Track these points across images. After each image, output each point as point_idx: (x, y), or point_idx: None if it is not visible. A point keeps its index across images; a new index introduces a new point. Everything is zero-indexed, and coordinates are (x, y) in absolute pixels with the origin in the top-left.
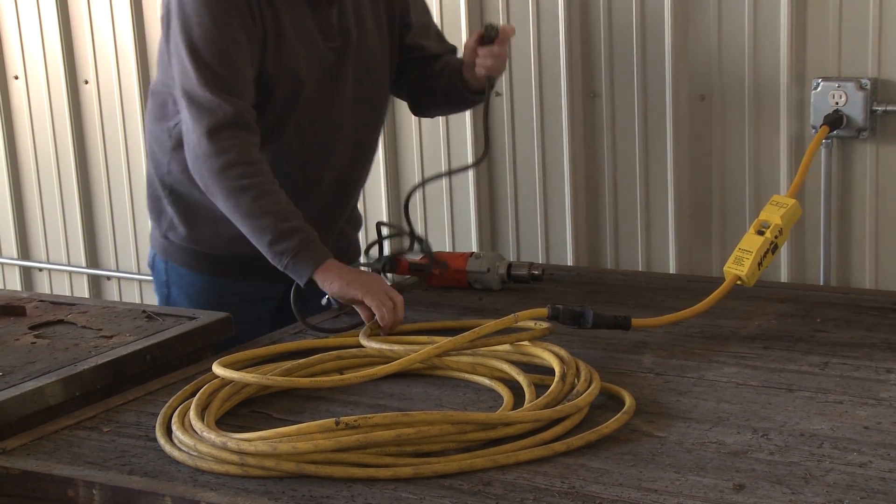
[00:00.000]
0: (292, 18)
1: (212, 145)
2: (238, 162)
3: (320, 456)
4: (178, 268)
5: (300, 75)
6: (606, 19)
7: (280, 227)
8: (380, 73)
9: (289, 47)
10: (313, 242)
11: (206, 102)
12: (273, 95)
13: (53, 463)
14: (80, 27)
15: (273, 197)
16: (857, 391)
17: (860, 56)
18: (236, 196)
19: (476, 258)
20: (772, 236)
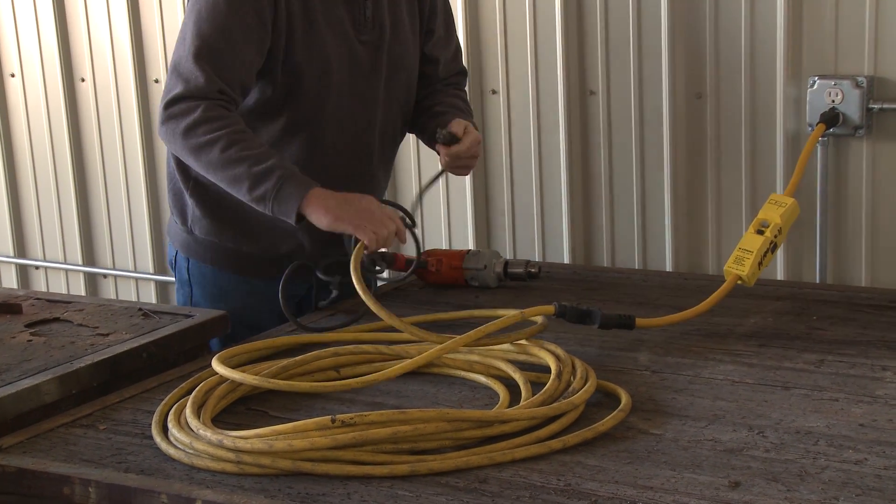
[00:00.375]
0: (324, 7)
1: (177, 109)
2: (202, 120)
3: (316, 454)
4: (202, 265)
5: (329, 65)
6: (603, 17)
7: (255, 170)
8: (410, 70)
9: (318, 36)
10: (292, 177)
11: (186, 72)
12: (302, 84)
13: (49, 461)
14: (77, 25)
15: (243, 144)
16: (852, 389)
17: (856, 54)
18: (206, 152)
19: (473, 255)
20: (771, 235)
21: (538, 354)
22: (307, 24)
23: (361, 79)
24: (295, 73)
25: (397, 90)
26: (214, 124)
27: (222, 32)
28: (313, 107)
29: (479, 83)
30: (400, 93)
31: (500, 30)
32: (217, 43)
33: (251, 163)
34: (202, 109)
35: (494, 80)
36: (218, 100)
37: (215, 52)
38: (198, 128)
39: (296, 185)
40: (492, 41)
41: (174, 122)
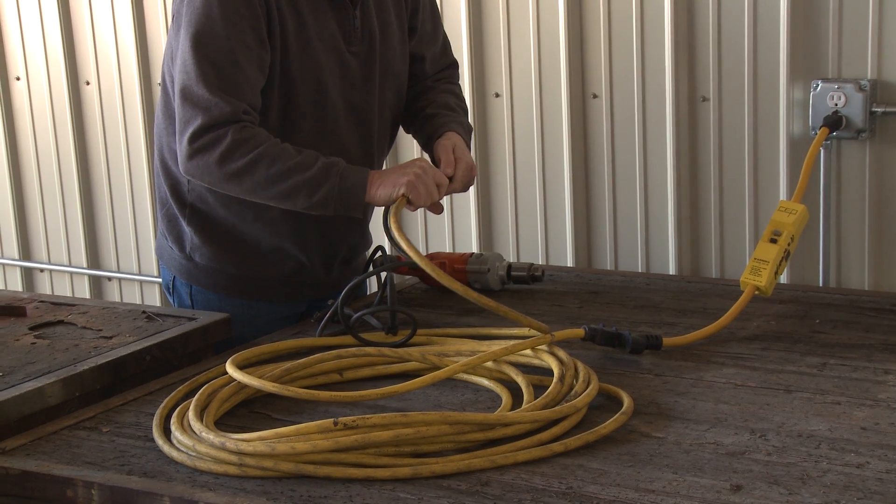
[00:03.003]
0: (315, 20)
1: (204, 140)
2: (235, 145)
3: (318, 456)
4: (206, 292)
5: (324, 80)
6: (606, 20)
7: (307, 177)
8: (400, 75)
9: (312, 51)
10: (347, 172)
11: (202, 101)
12: (298, 101)
13: (53, 463)
14: (82, 28)
15: (284, 155)
16: (854, 392)
17: (859, 57)
18: (249, 175)
19: (476, 258)
20: (785, 244)
21: (541, 357)
22: (300, 40)
23: (355, 90)
24: (291, 90)
25: (389, 96)
26: (249, 145)
27: (226, 55)
28: (310, 123)
29: (482, 86)
30: (391, 98)
31: (504, 33)
32: (223, 66)
33: (302, 171)
34: (231, 133)
35: (497, 84)
36: (242, 121)
37: (224, 76)
38: (234, 153)
39: (353, 181)
40: (495, 44)
41: (205, 155)
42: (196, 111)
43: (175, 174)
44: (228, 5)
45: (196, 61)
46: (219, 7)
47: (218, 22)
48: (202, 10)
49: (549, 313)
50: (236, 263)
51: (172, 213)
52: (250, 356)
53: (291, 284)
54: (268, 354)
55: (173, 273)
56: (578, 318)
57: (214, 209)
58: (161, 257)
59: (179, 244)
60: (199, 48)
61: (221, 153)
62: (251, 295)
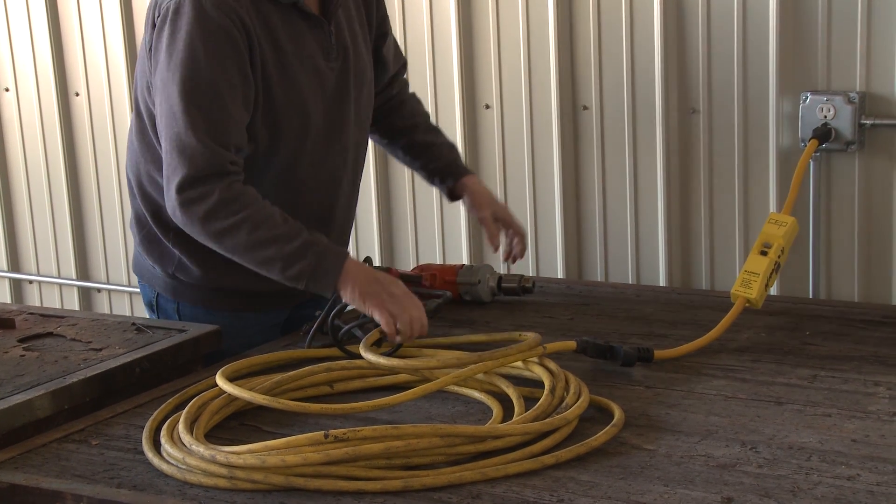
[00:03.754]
0: (294, 44)
1: (192, 193)
2: (221, 203)
3: (309, 469)
4: (194, 308)
5: (306, 106)
6: (596, 32)
7: (286, 250)
8: (370, 85)
9: (293, 75)
10: (325, 254)
11: (188, 149)
12: (282, 126)
13: (41, 476)
14: (71, 39)
15: (268, 223)
16: (845, 404)
17: (848, 70)
18: (230, 237)
19: (466, 270)
20: (775, 256)
21: (532, 369)
22: (280, 67)
23: (333, 105)
24: (275, 117)
25: (363, 108)
26: (234, 206)
27: (213, 100)
28: (293, 151)
29: (472, 97)
30: (364, 109)
31: (494, 45)
32: (210, 111)
33: (281, 243)
34: (219, 192)
35: (488, 95)
36: (229, 174)
37: (211, 121)
38: (218, 212)
39: (331, 262)
40: (485, 56)
41: (192, 208)
42: (183, 160)
43: (155, 200)
44: (212, 46)
45: (183, 107)
46: (203, 49)
47: (202, 64)
48: (186, 52)
49: (539, 325)
50: (223, 279)
51: (153, 234)
52: (240, 368)
53: (277, 293)
54: (258, 366)
55: (156, 290)
56: (569, 329)
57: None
58: (141, 275)
59: (162, 264)
60: (186, 94)
61: (206, 211)
62: (238, 307)
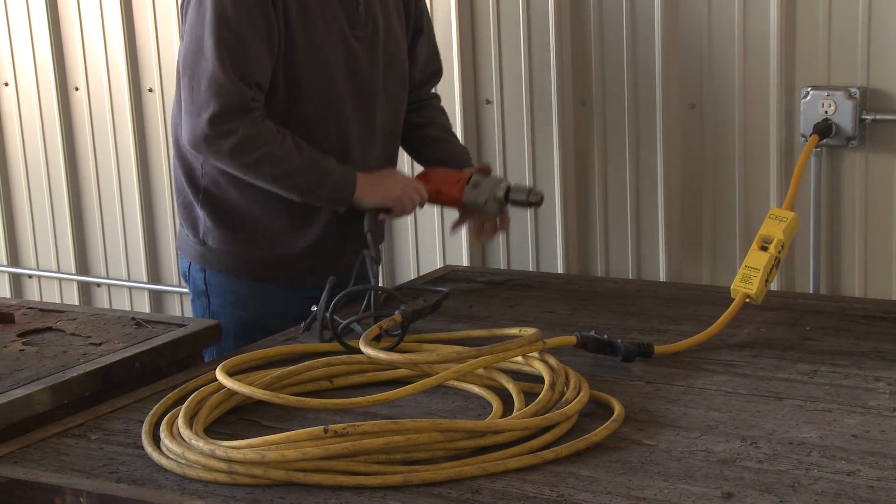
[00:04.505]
0: (319, 6)
1: (220, 129)
2: (245, 139)
3: (309, 464)
4: (219, 275)
5: (329, 64)
6: (597, 27)
7: (305, 182)
8: (403, 65)
9: (316, 35)
10: (338, 182)
11: (217, 84)
12: (303, 85)
13: (41, 471)
14: (71, 34)
15: (287, 157)
16: (845, 399)
17: (849, 65)
18: (256, 170)
19: (473, 187)
20: (775, 252)
21: (532, 364)
22: (304, 23)
23: (360, 75)
24: (295, 74)
25: (393, 85)
26: (257, 142)
27: (239, 39)
28: (315, 107)
29: (473, 93)
30: (397, 88)
31: (495, 39)
32: (237, 50)
33: (300, 176)
34: (243, 129)
35: (488, 90)
36: (251, 110)
37: (238, 60)
38: (244, 149)
39: (344, 188)
40: (486, 51)
41: (218, 141)
42: (211, 95)
43: (189, 160)
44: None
45: (213, 44)
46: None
47: (230, 10)
48: (215, 2)
49: (539, 320)
50: (247, 245)
51: (188, 199)
52: (240, 363)
53: (302, 266)
54: (258, 361)
55: (189, 260)
56: (569, 324)
57: (226, 191)
58: (180, 248)
59: (194, 230)
60: (214, 31)
61: (232, 147)
62: (262, 277)
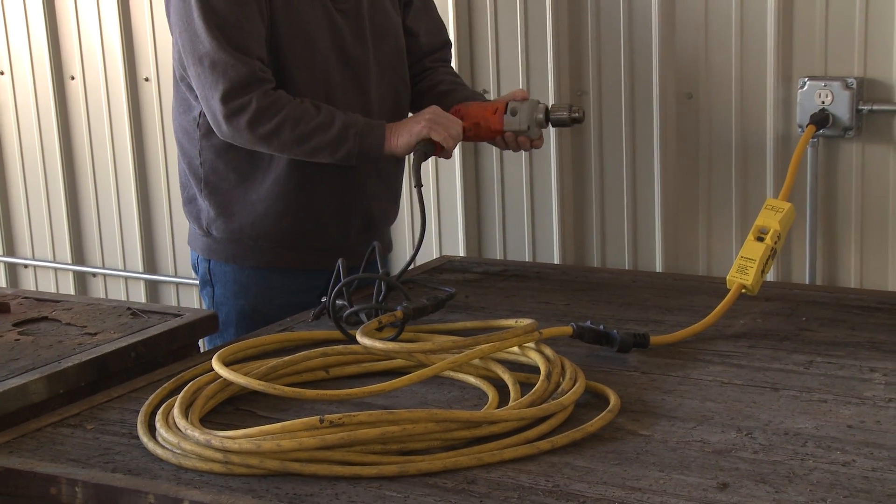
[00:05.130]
0: None
1: (234, 105)
2: (260, 110)
3: (304, 454)
4: (222, 264)
5: (312, 34)
6: (594, 17)
7: (328, 137)
8: (396, 38)
9: (297, 10)
10: (365, 133)
11: (220, 63)
12: (288, 56)
13: (36, 461)
14: (67, 23)
15: (306, 117)
16: (841, 390)
17: (846, 55)
18: (276, 137)
19: (512, 114)
20: (772, 242)
21: (528, 355)
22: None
23: (347, 48)
24: (280, 48)
25: (387, 58)
26: (273, 109)
27: (228, 15)
28: (304, 81)
29: (469, 83)
30: (391, 60)
31: (492, 30)
32: (229, 27)
33: (323, 132)
34: (256, 100)
35: (485, 80)
36: (261, 80)
37: (232, 36)
38: (261, 119)
39: (374, 138)
40: (483, 41)
41: (236, 118)
42: (216, 75)
43: (188, 151)
44: None
45: (206, 27)
46: None
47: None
48: None
49: (536, 310)
50: (249, 231)
51: (192, 192)
52: (236, 351)
53: (305, 250)
54: (254, 350)
55: (197, 253)
56: (565, 315)
57: (226, 177)
58: (189, 243)
59: (198, 222)
60: (204, 15)
61: (249, 120)
62: (264, 263)
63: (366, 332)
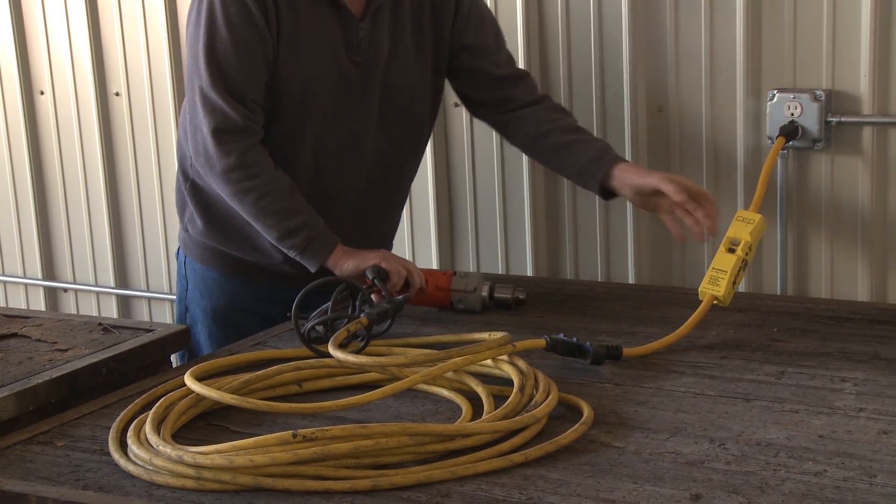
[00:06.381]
0: (314, 26)
1: (216, 147)
2: (239, 165)
3: (277, 469)
4: (194, 263)
5: (312, 83)
6: (564, 30)
7: (284, 225)
8: (414, 94)
9: (304, 54)
10: (318, 236)
11: (210, 102)
12: (283, 101)
13: (6, 478)
14: (36, 37)
15: (276, 195)
16: (812, 400)
17: (815, 67)
18: (241, 197)
19: (461, 277)
20: (743, 254)
21: (501, 367)
22: (292, 42)
23: (349, 99)
24: (278, 88)
25: (394, 114)
26: (249, 171)
27: (231, 58)
28: (297, 124)
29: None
30: (400, 117)
31: None
32: (229, 70)
33: (281, 217)
34: (237, 154)
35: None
36: (247, 131)
37: (229, 78)
38: (233, 173)
39: (320, 245)
40: None
41: (211, 162)
42: (207, 114)
43: (184, 149)
44: (232, 10)
45: (206, 65)
46: (222, 10)
47: (222, 27)
48: (208, 15)
49: (509, 323)
50: (220, 240)
51: (180, 186)
52: (209, 368)
53: (263, 272)
54: (226, 366)
55: (179, 243)
56: (539, 327)
57: (209, 187)
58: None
59: (182, 215)
60: (209, 51)
61: (224, 168)
62: (228, 270)
63: (336, 345)
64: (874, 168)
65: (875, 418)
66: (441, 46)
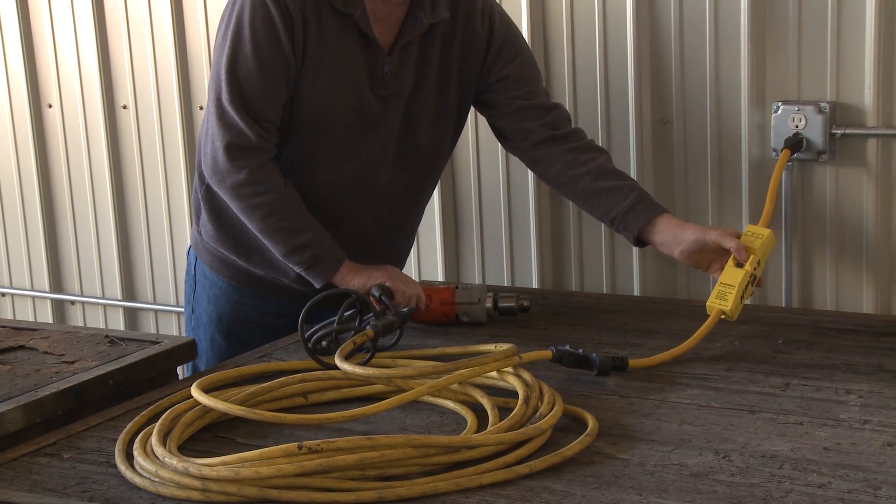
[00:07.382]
0: (340, 54)
1: (228, 163)
2: (249, 181)
3: (283, 481)
4: (204, 267)
5: (330, 109)
6: (569, 44)
7: (291, 242)
8: (433, 130)
9: (326, 79)
10: (324, 255)
11: (230, 119)
12: (300, 123)
13: (13, 490)
14: (44, 51)
15: (284, 213)
16: (817, 412)
17: (819, 80)
18: (249, 213)
19: (464, 290)
20: (751, 268)
21: (506, 379)
22: (317, 67)
23: (367, 129)
24: (296, 110)
25: (412, 148)
26: (260, 188)
27: (251, 77)
28: (308, 147)
29: None
30: (416, 152)
31: None
32: (248, 89)
33: (288, 234)
34: (248, 171)
35: None
36: (260, 149)
37: (247, 97)
38: (243, 188)
39: (327, 263)
40: None
41: (221, 176)
42: (221, 128)
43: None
44: (259, 28)
45: (227, 80)
46: (250, 27)
47: (247, 45)
48: (235, 28)
49: (514, 335)
50: (230, 248)
51: (196, 188)
52: (215, 380)
53: (271, 286)
54: (232, 378)
55: (191, 245)
56: (544, 339)
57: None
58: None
59: (196, 217)
60: (231, 67)
61: (234, 183)
62: (235, 280)
63: (343, 357)
64: (879, 180)
65: (880, 430)
66: (467, 84)
